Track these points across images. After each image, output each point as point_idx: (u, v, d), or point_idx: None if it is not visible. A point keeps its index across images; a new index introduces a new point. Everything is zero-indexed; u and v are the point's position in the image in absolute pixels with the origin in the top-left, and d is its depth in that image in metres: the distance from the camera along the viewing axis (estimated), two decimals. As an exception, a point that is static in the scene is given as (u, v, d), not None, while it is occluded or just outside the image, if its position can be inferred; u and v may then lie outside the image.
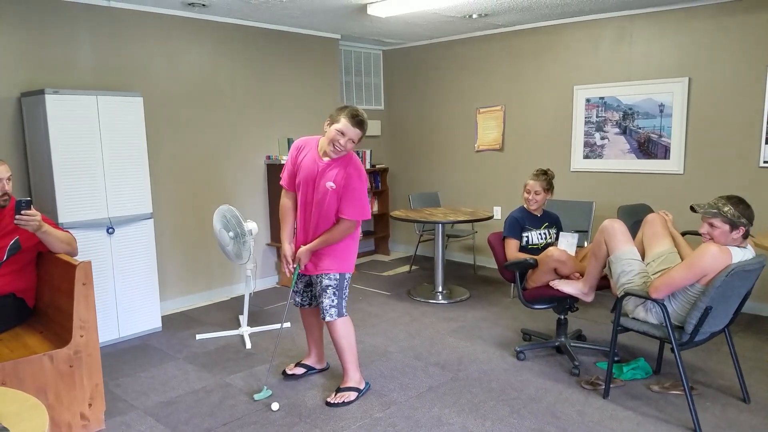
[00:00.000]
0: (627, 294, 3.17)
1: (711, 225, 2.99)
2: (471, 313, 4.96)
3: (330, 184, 3.15)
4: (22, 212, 2.92)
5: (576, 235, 3.95)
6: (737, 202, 2.95)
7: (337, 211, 3.21)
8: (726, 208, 2.94)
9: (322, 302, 3.31)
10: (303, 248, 3.27)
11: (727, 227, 2.93)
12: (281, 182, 3.43)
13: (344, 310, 3.35)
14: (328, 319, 3.31)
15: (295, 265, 3.35)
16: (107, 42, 4.57)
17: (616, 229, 3.39)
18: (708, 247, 2.91)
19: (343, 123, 3.05)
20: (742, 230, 2.93)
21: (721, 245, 2.93)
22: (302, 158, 3.27)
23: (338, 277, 3.30)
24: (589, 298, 3.66)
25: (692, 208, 3.11)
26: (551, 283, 3.71)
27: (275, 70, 5.77)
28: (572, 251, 3.88)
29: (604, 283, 3.72)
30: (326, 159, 3.19)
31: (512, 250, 3.94)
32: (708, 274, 2.90)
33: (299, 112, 6.04)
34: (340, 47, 6.66)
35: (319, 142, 3.26)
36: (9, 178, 3.16)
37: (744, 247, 2.99)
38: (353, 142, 3.10)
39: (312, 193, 3.22)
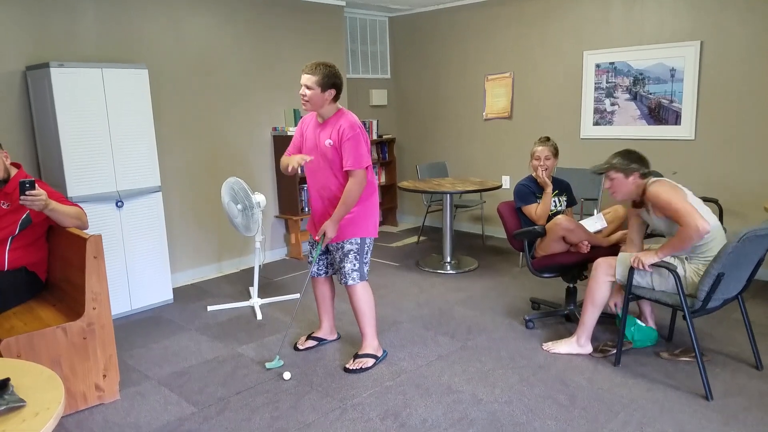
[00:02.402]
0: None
1: (610, 179, 3.25)
2: (479, 282, 4.96)
3: (328, 141, 3.25)
4: (27, 192, 2.92)
5: (602, 216, 3.87)
6: (624, 152, 3.24)
7: (343, 167, 3.26)
8: (615, 161, 3.22)
9: (344, 267, 3.36)
10: (327, 222, 3.28)
11: (621, 175, 3.21)
12: (286, 152, 3.53)
13: (366, 275, 3.41)
14: (350, 283, 3.36)
15: (319, 241, 3.36)
16: (111, 13, 4.51)
17: (605, 260, 3.37)
18: (650, 189, 3.12)
19: (302, 77, 3.23)
20: (636, 175, 3.19)
21: (650, 184, 3.14)
22: (305, 130, 3.42)
23: (359, 241, 3.35)
24: (588, 350, 3.49)
25: (593, 171, 3.33)
26: (544, 346, 3.59)
27: (280, 39, 5.70)
28: (599, 230, 3.83)
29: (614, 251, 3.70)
30: (322, 121, 3.32)
31: (533, 213, 3.88)
32: (677, 190, 3.08)
33: (305, 83, 5.97)
34: (345, 14, 6.55)
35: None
36: None
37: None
38: (310, 88, 3.18)
39: (317, 156, 3.32)
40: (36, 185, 2.94)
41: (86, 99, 4.00)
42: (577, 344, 3.50)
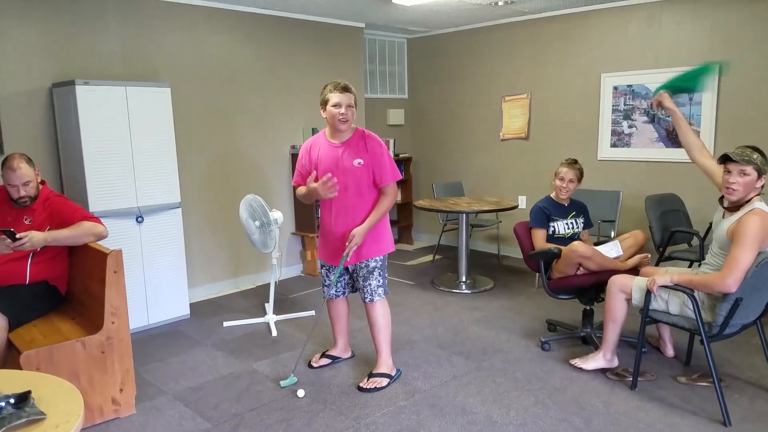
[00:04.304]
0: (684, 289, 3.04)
1: (742, 173, 2.95)
2: (495, 302, 4.94)
3: (358, 161, 3.25)
4: (15, 242, 3.01)
5: (617, 243, 3.84)
6: (758, 149, 2.97)
7: (376, 183, 3.28)
8: (755, 156, 2.95)
9: (369, 284, 3.38)
10: (357, 229, 3.25)
11: (755, 175, 2.94)
12: (295, 184, 3.48)
13: (387, 288, 3.48)
14: (376, 299, 3.39)
15: (347, 248, 3.30)
16: (135, 32, 4.62)
17: (619, 277, 3.36)
18: (748, 218, 2.87)
19: (334, 96, 3.19)
20: (764, 179, 2.96)
21: (756, 209, 2.90)
22: (317, 154, 3.35)
23: (383, 258, 3.40)
24: (615, 363, 3.49)
25: (727, 156, 3.00)
26: (572, 362, 3.60)
27: (300, 59, 5.79)
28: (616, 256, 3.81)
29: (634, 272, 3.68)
30: (339, 141, 3.30)
31: (540, 240, 3.91)
32: (765, 239, 2.86)
33: (324, 102, 6.05)
34: (364, 36, 6.64)
35: (325, 133, 3.37)
36: (26, 183, 3.22)
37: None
38: (350, 106, 3.21)
39: (342, 178, 3.27)
40: (14, 232, 3.00)
41: (110, 116, 4.09)
42: (603, 359, 3.49)
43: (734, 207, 3.04)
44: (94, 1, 4.39)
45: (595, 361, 3.51)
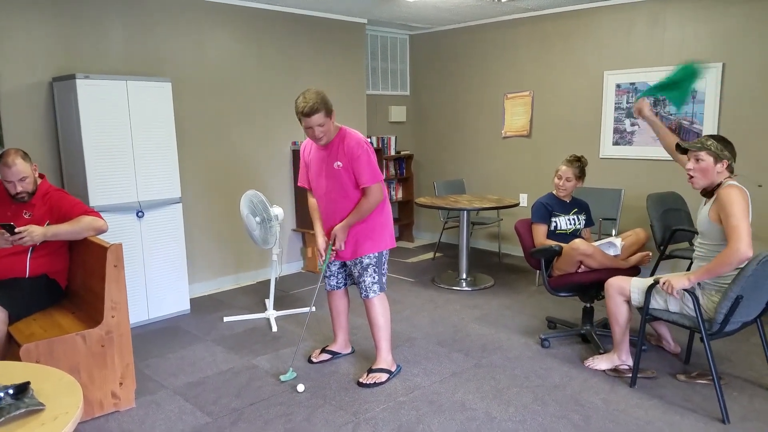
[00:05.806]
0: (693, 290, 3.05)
1: (697, 159, 3.06)
2: (495, 300, 4.94)
3: (337, 164, 3.26)
4: (14, 236, 3.03)
5: (619, 240, 3.83)
6: (719, 138, 3.06)
7: (357, 184, 3.27)
8: (709, 143, 3.04)
9: (364, 281, 3.38)
10: (339, 225, 3.30)
11: (711, 159, 3.02)
12: (300, 184, 3.56)
13: (384, 285, 3.44)
14: (371, 296, 3.39)
15: (329, 243, 3.37)
16: (137, 28, 4.62)
17: (616, 280, 3.36)
18: (727, 191, 2.93)
19: (303, 121, 3.16)
20: (725, 163, 3.02)
21: (728, 185, 2.96)
22: (309, 155, 3.44)
23: (377, 255, 3.38)
24: (630, 363, 3.47)
25: (678, 146, 3.16)
26: (585, 363, 3.58)
27: (301, 55, 5.78)
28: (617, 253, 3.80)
29: (634, 273, 3.68)
30: (323, 144, 3.31)
31: (540, 235, 3.91)
32: (747, 207, 2.92)
33: (325, 98, 6.04)
34: (366, 32, 6.63)
35: None
36: (22, 179, 3.20)
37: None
38: (322, 125, 3.16)
39: (327, 180, 3.32)
40: (14, 226, 3.02)
41: (110, 110, 4.09)
42: (618, 359, 3.48)
43: (710, 194, 3.10)
44: (96, -4, 4.39)
45: (609, 361, 3.51)
